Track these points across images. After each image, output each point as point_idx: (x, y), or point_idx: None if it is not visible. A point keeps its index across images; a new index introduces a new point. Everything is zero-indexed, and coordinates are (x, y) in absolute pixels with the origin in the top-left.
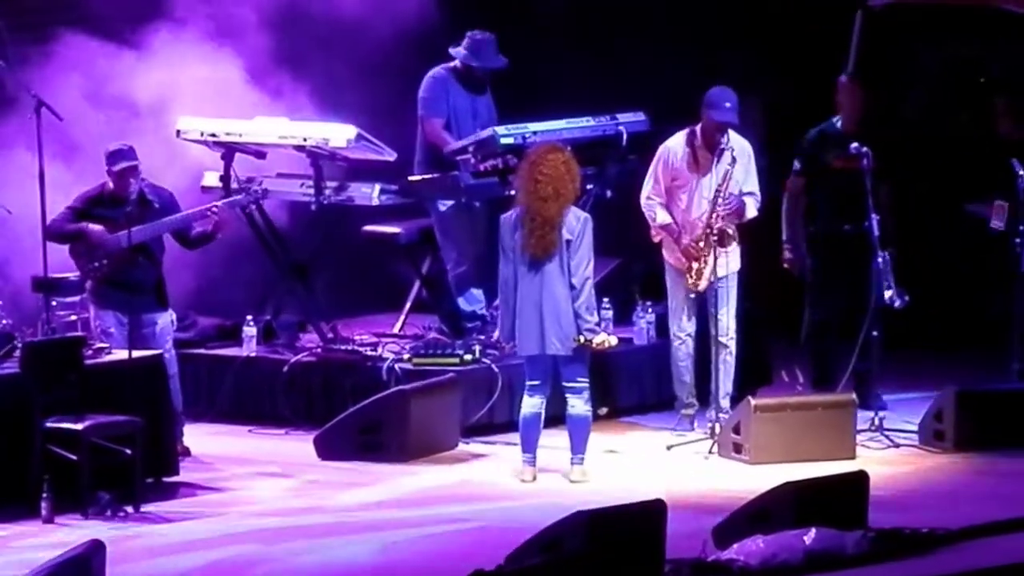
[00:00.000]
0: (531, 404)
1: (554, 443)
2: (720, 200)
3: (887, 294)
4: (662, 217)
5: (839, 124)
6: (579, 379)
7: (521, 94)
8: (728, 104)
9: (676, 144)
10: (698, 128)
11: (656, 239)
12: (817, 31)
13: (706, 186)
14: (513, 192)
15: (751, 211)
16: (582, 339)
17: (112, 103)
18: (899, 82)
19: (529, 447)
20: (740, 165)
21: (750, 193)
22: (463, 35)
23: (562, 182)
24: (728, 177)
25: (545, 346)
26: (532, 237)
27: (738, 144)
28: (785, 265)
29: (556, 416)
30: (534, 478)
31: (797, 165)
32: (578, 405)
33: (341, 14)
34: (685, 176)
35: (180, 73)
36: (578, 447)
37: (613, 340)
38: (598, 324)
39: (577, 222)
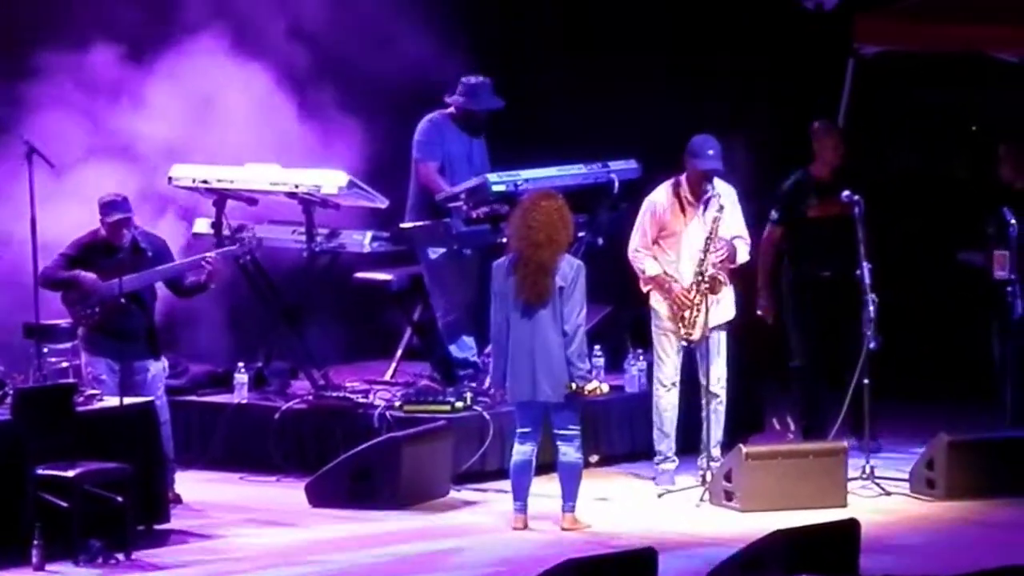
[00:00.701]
0: (522, 451)
1: (545, 490)
2: (711, 247)
3: (867, 335)
4: (651, 269)
5: (813, 172)
6: (571, 427)
7: (513, 141)
8: (711, 151)
9: (661, 195)
10: (683, 177)
11: (645, 290)
12: (807, 75)
13: (694, 235)
14: (505, 239)
15: (742, 255)
16: (574, 386)
17: (104, 149)
18: (890, 129)
19: (520, 495)
20: (727, 210)
21: (738, 237)
22: (457, 81)
23: (555, 229)
24: (717, 224)
25: (537, 393)
26: (525, 283)
27: (723, 189)
28: (759, 312)
29: (547, 463)
30: (525, 525)
31: (774, 215)
32: (570, 453)
33: (335, 60)
34: (672, 226)
35: (172, 119)
36: (569, 495)
37: (605, 387)
38: (590, 371)
39: (570, 269)
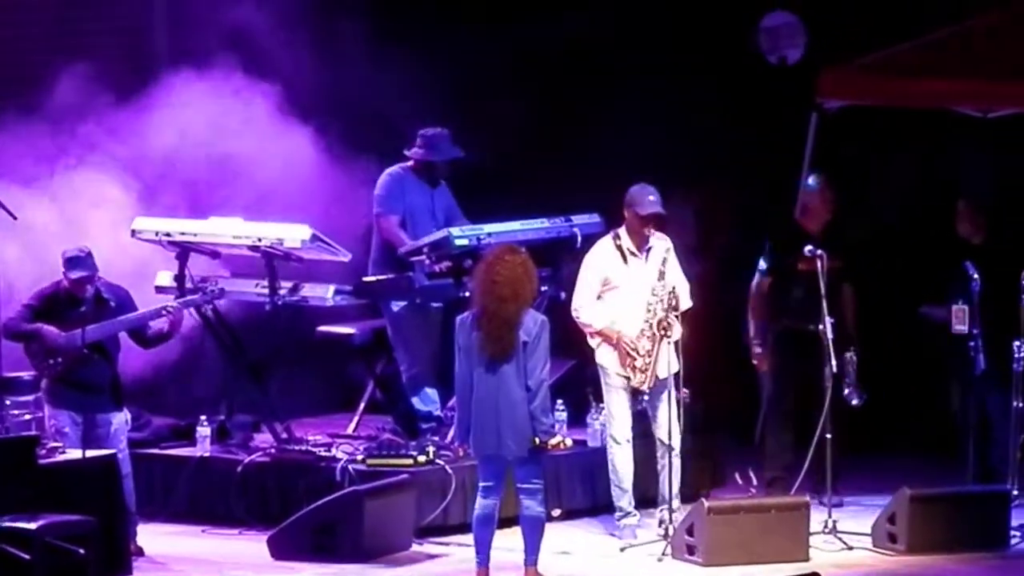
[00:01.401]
0: (485, 505)
1: (508, 544)
2: (660, 294)
3: (845, 391)
4: (597, 323)
5: (803, 224)
6: (534, 480)
7: (475, 195)
8: (651, 197)
9: (602, 249)
10: (621, 229)
11: (595, 345)
12: (770, 130)
13: (639, 285)
14: (468, 293)
15: (685, 300)
16: (538, 441)
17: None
18: (855, 185)
19: (482, 549)
20: (666, 260)
21: (681, 286)
22: (415, 135)
23: (520, 283)
24: (665, 267)
25: (500, 447)
26: (489, 338)
27: (658, 240)
28: (754, 361)
29: (511, 517)
30: None
31: (763, 265)
32: (532, 506)
33: (295, 109)
34: (615, 279)
35: (134, 170)
36: (532, 549)
37: (568, 442)
38: (553, 426)
39: (534, 324)
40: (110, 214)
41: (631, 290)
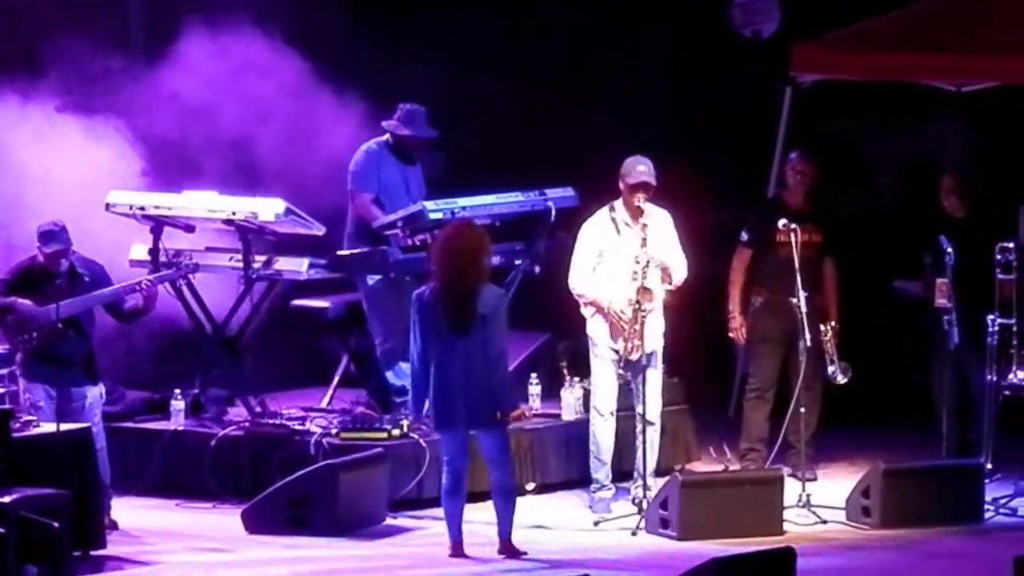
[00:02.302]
0: (450, 479)
1: (484, 517)
2: (643, 262)
3: (830, 369)
4: (591, 293)
5: (785, 198)
6: (501, 452)
7: (451, 169)
8: (641, 168)
9: (598, 221)
10: (618, 201)
11: (587, 315)
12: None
13: (632, 256)
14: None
15: (679, 273)
16: (499, 413)
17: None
18: (832, 159)
19: (453, 522)
20: (661, 232)
21: (675, 258)
22: (395, 108)
23: (478, 257)
24: (644, 237)
25: (462, 421)
26: (449, 312)
27: (656, 211)
28: (731, 335)
29: (483, 491)
30: (461, 552)
31: (744, 236)
32: (502, 478)
33: (272, 85)
34: (610, 250)
35: (106, 144)
36: (505, 521)
37: (529, 413)
38: (513, 398)
39: (493, 297)
40: (83, 187)
41: (623, 262)
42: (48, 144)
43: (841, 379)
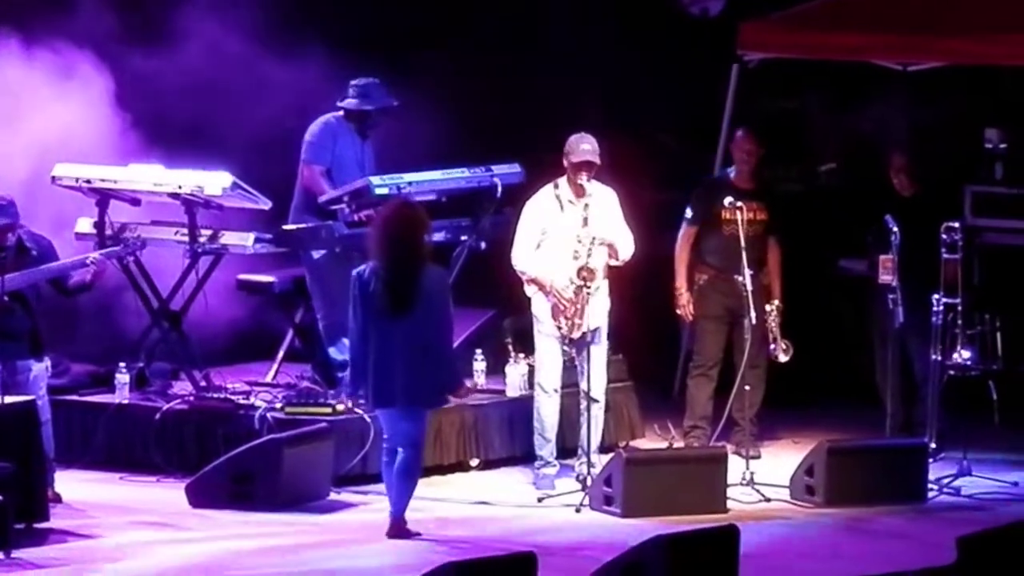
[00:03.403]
0: (391, 457)
1: (431, 493)
2: (585, 241)
3: (771, 347)
4: (533, 271)
5: (731, 176)
6: (418, 436)
7: (397, 145)
8: (585, 146)
9: (541, 198)
10: (562, 179)
11: (530, 293)
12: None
13: (576, 234)
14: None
15: (625, 250)
16: (447, 395)
17: None
18: (777, 138)
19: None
20: (605, 210)
21: (621, 235)
22: (346, 85)
23: (418, 237)
24: (585, 216)
25: (401, 400)
26: (389, 293)
27: (601, 190)
28: (678, 312)
29: (428, 467)
30: (406, 533)
31: (689, 214)
32: (411, 460)
33: (220, 58)
34: (554, 228)
35: (52, 115)
36: (402, 500)
37: (473, 386)
38: (459, 376)
39: (434, 278)
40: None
41: (566, 239)
42: None
43: (783, 358)
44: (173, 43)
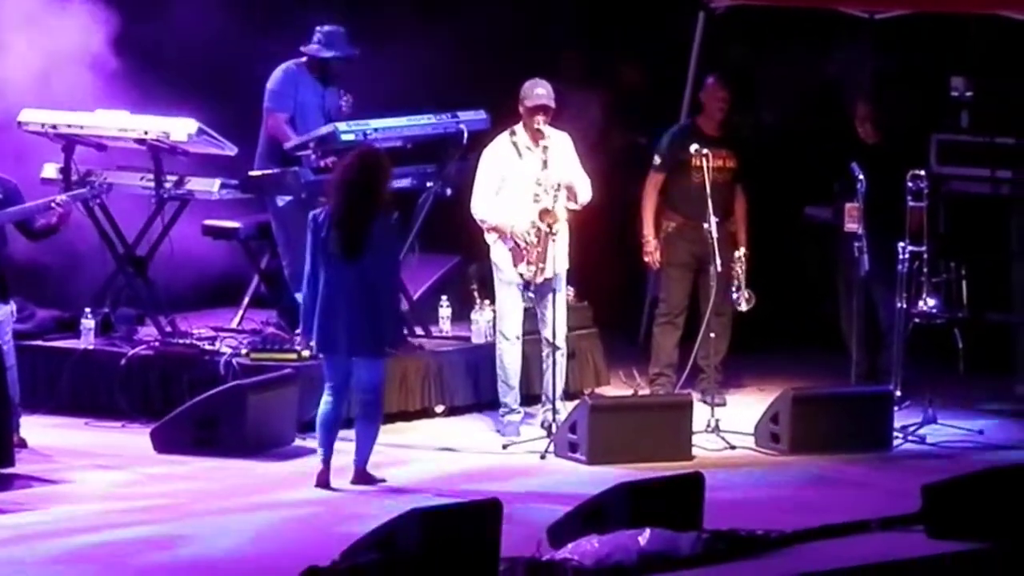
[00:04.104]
0: (329, 404)
1: (390, 439)
2: (545, 185)
3: (734, 295)
4: (493, 218)
5: (699, 123)
6: (375, 383)
7: (363, 90)
8: (539, 91)
9: (498, 145)
10: (518, 126)
11: (490, 241)
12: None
13: (533, 180)
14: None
15: (584, 193)
16: (387, 347)
17: None
18: (743, 85)
19: (327, 447)
20: (561, 154)
21: (578, 179)
22: (312, 31)
23: (377, 184)
24: (544, 159)
25: (344, 348)
26: (341, 237)
27: (556, 134)
28: (645, 259)
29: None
30: (327, 481)
31: (657, 160)
32: (370, 409)
33: (186, 3)
34: (512, 175)
35: (17, 60)
36: (365, 451)
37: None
38: (400, 330)
39: (387, 225)
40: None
41: (525, 185)
42: None
43: (744, 306)
44: None
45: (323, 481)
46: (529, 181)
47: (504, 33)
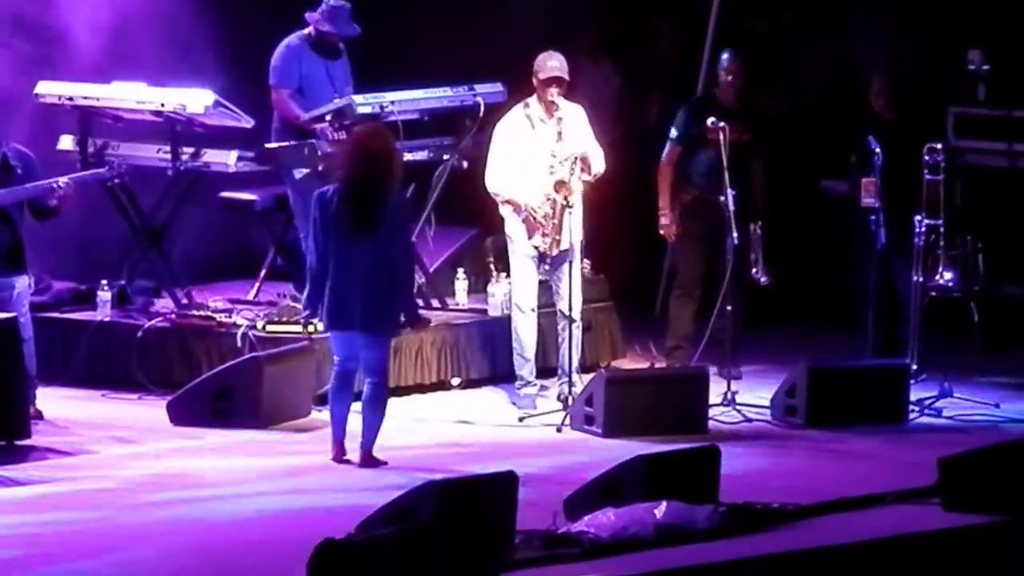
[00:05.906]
0: (340, 380)
1: (407, 411)
2: (560, 156)
3: (753, 270)
4: (507, 192)
5: (717, 96)
6: (380, 363)
7: (380, 63)
8: (553, 63)
9: (512, 118)
10: (532, 98)
11: (504, 214)
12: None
13: (548, 152)
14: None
15: (598, 164)
16: (403, 319)
17: None
18: (762, 59)
19: (339, 425)
20: (574, 126)
21: (592, 151)
22: (320, 2)
23: (387, 161)
24: (559, 131)
25: (357, 323)
26: (353, 214)
27: (569, 106)
28: (661, 232)
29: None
30: (341, 456)
31: (674, 133)
32: (376, 389)
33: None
34: (526, 147)
35: (34, 32)
36: (370, 431)
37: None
38: (414, 305)
39: (398, 201)
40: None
41: (541, 157)
42: None
43: (763, 280)
44: None
45: (338, 455)
46: (544, 153)
47: (520, 4)
